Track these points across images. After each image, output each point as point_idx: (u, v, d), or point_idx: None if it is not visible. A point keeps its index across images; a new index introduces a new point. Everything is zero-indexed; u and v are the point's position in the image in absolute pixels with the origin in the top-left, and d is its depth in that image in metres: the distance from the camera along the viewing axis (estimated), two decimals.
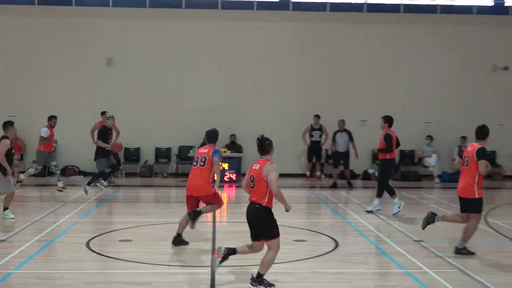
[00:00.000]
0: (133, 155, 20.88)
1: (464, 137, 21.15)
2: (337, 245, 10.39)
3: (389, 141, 13.63)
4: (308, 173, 20.62)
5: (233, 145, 20.56)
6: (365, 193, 17.84)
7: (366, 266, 8.91)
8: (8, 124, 12.54)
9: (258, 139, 7.87)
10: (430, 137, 21.07)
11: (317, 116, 20.13)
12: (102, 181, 15.41)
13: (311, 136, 20.20)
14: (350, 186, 18.75)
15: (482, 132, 9.88)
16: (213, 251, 9.74)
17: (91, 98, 20.47)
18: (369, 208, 13.89)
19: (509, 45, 21.57)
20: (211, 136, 10.34)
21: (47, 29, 20.70)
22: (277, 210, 7.78)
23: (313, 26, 21.19)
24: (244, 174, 19.42)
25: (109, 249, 9.97)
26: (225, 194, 16.84)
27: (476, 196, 9.69)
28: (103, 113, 18.71)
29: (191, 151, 19.61)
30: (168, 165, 21.12)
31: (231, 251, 7.88)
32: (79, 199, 15.23)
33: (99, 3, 20.67)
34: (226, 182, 18.59)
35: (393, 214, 13.54)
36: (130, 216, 13.46)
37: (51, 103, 19.97)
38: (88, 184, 15.30)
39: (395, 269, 8.80)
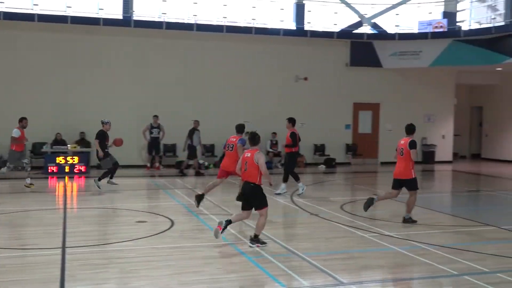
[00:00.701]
0: None
1: (274, 133, 21.84)
2: (173, 224, 10.25)
3: (294, 138, 13.98)
4: (148, 164, 20.22)
5: (82, 141, 19.59)
6: (197, 180, 17.65)
7: (197, 240, 8.86)
8: None
9: (250, 133, 8.66)
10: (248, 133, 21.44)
11: (156, 116, 19.79)
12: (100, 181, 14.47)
13: (151, 133, 19.85)
14: (199, 174, 18.61)
15: (410, 129, 10.57)
16: (64, 234, 9.20)
17: None
18: (278, 191, 13.89)
19: (308, 60, 22.55)
20: (239, 128, 11.92)
21: None
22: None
23: (152, 40, 20.72)
24: (92, 167, 18.72)
25: None
26: (74, 184, 15.95)
27: (413, 176, 10.36)
28: None
29: (44, 147, 18.44)
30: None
31: (229, 222, 8.44)
32: None
33: None
34: (76, 173, 17.67)
35: (298, 194, 13.84)
36: None
37: None
38: (99, 179, 14.38)
39: (220, 242, 8.80)
